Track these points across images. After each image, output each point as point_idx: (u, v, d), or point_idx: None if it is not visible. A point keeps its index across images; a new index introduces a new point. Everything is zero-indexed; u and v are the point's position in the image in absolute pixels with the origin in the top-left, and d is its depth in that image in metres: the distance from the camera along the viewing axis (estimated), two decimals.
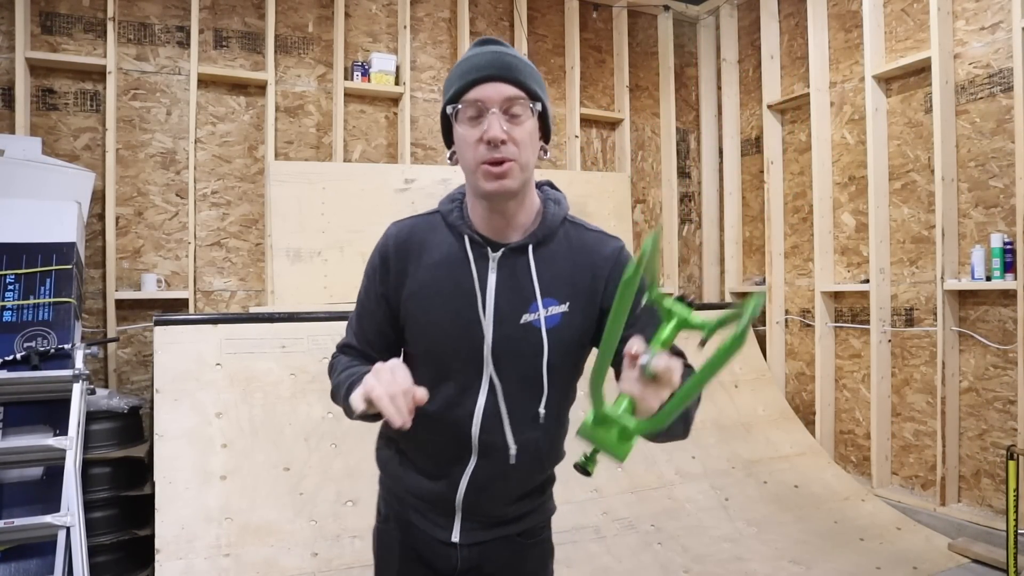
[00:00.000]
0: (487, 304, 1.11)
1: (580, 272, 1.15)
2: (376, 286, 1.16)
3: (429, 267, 1.13)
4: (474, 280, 1.11)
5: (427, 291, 1.13)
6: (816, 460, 3.80)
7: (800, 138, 4.34)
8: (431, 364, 1.12)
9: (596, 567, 2.78)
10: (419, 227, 1.16)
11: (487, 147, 1.02)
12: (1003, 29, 3.20)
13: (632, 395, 0.90)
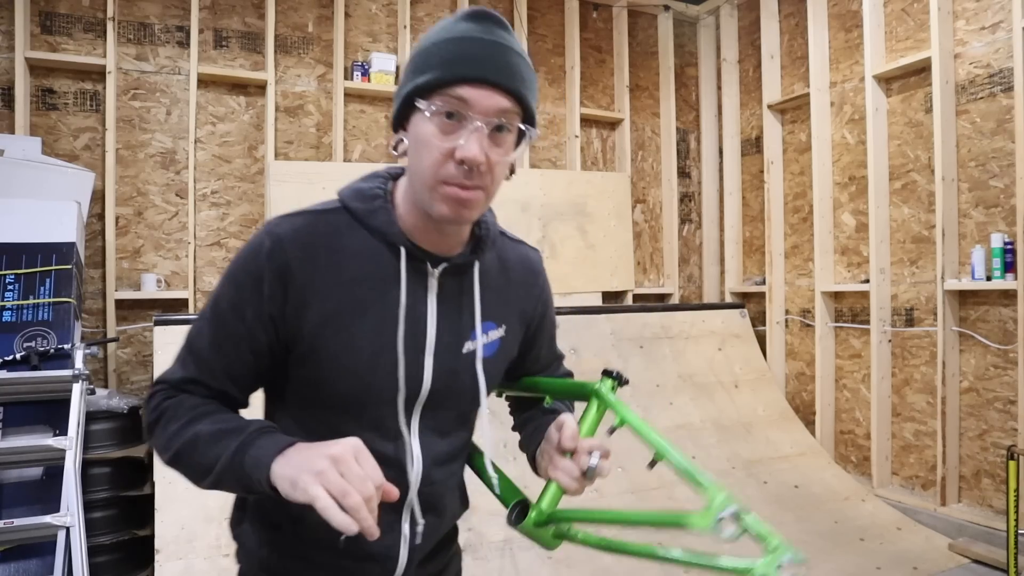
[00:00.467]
0: (428, 333, 0.91)
1: (515, 288, 1.02)
2: (259, 304, 0.86)
3: (347, 284, 0.88)
4: (412, 303, 0.90)
5: (347, 316, 0.87)
6: (816, 460, 3.80)
7: (800, 138, 4.34)
8: (338, 412, 0.89)
9: (596, 567, 2.78)
10: (319, 228, 0.89)
11: (457, 166, 0.82)
12: (1003, 29, 3.20)
13: (564, 487, 0.93)
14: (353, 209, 0.91)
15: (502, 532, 2.81)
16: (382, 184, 0.93)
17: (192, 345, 0.90)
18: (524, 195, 4.20)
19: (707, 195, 5.07)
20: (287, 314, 0.87)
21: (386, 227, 0.90)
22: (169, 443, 0.84)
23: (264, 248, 0.87)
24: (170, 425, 0.85)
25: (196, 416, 0.85)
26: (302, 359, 0.88)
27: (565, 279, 4.23)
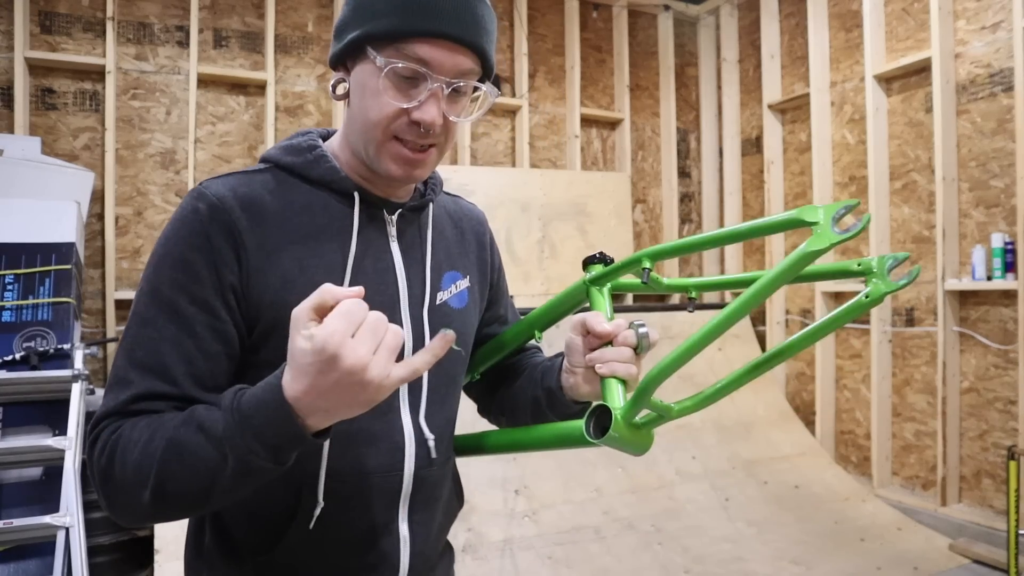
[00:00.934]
0: (399, 285, 0.83)
1: (468, 240, 0.97)
2: (213, 277, 0.73)
3: (302, 241, 0.78)
4: (376, 254, 0.82)
5: (310, 276, 0.76)
6: (816, 460, 3.80)
7: (800, 138, 4.34)
8: None
9: (596, 567, 2.77)
10: (255, 187, 0.79)
11: (410, 125, 0.76)
12: (1004, 29, 3.20)
13: (624, 375, 0.78)
14: (288, 164, 0.82)
15: (502, 532, 2.81)
16: (311, 139, 0.85)
17: (133, 357, 0.72)
18: (524, 195, 4.20)
19: (707, 195, 5.07)
20: (244, 284, 0.75)
21: (331, 175, 0.82)
22: (139, 472, 0.66)
23: (201, 213, 0.75)
24: (129, 454, 0.67)
25: (160, 426, 0.68)
26: (265, 337, 0.76)
27: (565, 279, 4.23)
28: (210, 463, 0.65)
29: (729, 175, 4.86)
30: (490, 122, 4.42)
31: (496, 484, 2.98)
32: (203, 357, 0.74)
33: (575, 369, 0.86)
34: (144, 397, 0.71)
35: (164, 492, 0.66)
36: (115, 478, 0.68)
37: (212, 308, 0.74)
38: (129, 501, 0.68)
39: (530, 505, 2.96)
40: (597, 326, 0.81)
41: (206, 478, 0.65)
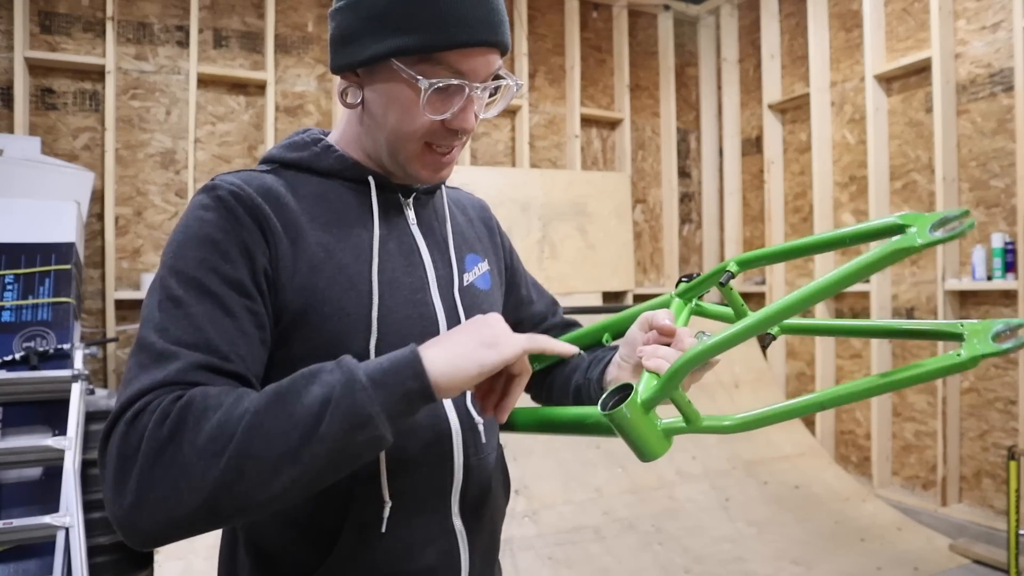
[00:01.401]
0: (427, 267, 0.82)
1: (476, 225, 0.97)
2: (241, 260, 0.69)
3: (323, 225, 0.76)
4: (399, 236, 0.81)
5: (337, 259, 0.75)
6: (817, 460, 3.80)
7: (800, 138, 4.34)
8: None
9: (596, 568, 2.77)
10: (267, 181, 0.77)
11: (446, 133, 0.75)
12: (1004, 28, 3.20)
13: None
14: (294, 160, 0.81)
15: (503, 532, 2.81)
16: (316, 134, 0.84)
17: (168, 335, 0.65)
18: (524, 195, 4.20)
19: (707, 195, 5.07)
20: (274, 268, 0.72)
21: (342, 163, 0.81)
22: (220, 434, 0.58)
23: (224, 199, 0.71)
24: (209, 416, 0.59)
25: (247, 392, 0.62)
26: (295, 326, 0.72)
27: (565, 279, 4.23)
28: (314, 410, 0.59)
29: (729, 175, 4.86)
30: (490, 122, 4.42)
31: None
32: (244, 340, 0.68)
33: (624, 363, 0.84)
34: (202, 367, 0.64)
35: (246, 456, 0.58)
36: (176, 452, 0.58)
37: (246, 289, 0.69)
38: (182, 485, 0.58)
39: (530, 505, 2.96)
40: (660, 321, 0.79)
41: (303, 433, 0.58)
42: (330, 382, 0.61)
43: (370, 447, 0.61)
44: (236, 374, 0.67)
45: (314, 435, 0.59)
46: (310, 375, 0.62)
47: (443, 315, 0.81)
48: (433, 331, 0.79)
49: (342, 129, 0.85)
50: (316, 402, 0.60)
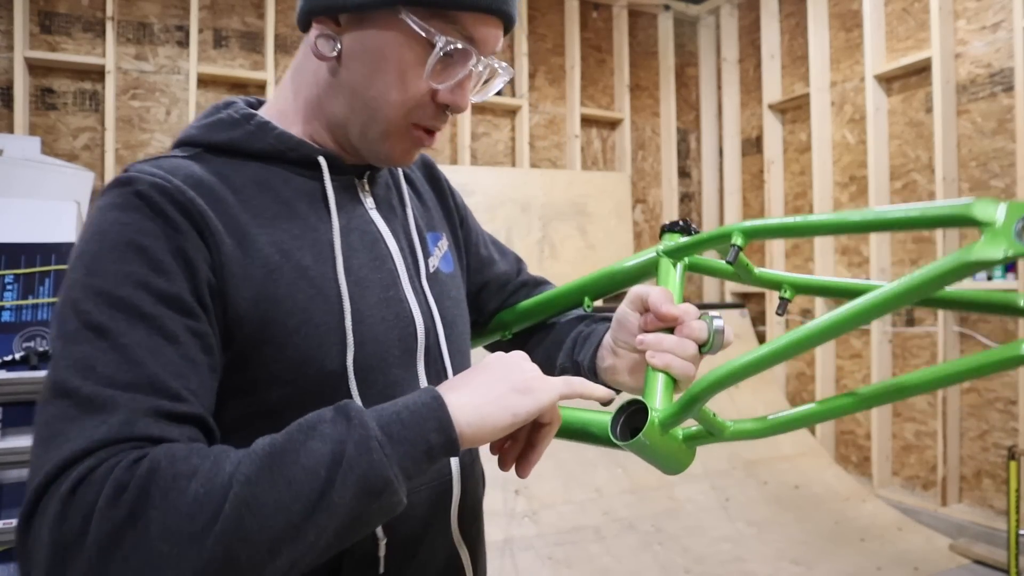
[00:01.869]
0: (394, 257, 0.71)
1: (423, 190, 0.84)
2: (176, 271, 0.55)
3: (271, 220, 0.63)
4: (360, 226, 0.70)
5: (295, 259, 0.63)
6: (817, 460, 3.80)
7: (800, 138, 4.34)
8: (326, 396, 0.58)
9: (596, 567, 2.77)
10: (194, 169, 0.62)
11: (436, 109, 0.66)
12: (1004, 28, 3.20)
13: (677, 372, 0.64)
14: (222, 142, 0.66)
15: (502, 532, 2.81)
16: (244, 108, 0.69)
17: (97, 376, 0.50)
18: (524, 195, 4.20)
19: (707, 195, 5.06)
20: (220, 277, 0.58)
21: (284, 142, 0.66)
22: (203, 505, 0.46)
23: (146, 194, 0.57)
24: (181, 483, 0.46)
25: (218, 458, 0.49)
26: (253, 346, 0.59)
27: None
28: (320, 475, 0.48)
29: (729, 175, 4.86)
30: (490, 122, 4.42)
31: (496, 484, 2.98)
32: (193, 370, 0.54)
33: (619, 349, 0.74)
34: (152, 414, 0.50)
35: (236, 538, 0.45)
36: (141, 537, 0.45)
37: (187, 306, 0.55)
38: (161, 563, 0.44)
39: (530, 505, 2.96)
40: (662, 305, 0.68)
41: (307, 505, 0.47)
42: (336, 437, 0.49)
43: (383, 515, 0.51)
44: (192, 417, 0.53)
45: (320, 506, 0.48)
46: (308, 427, 0.50)
47: (418, 312, 0.70)
48: (411, 333, 0.69)
49: (284, 97, 0.71)
50: (322, 464, 0.48)
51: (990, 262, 0.43)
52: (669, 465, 0.61)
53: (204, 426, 0.54)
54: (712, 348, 0.67)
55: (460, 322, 0.78)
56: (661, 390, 0.63)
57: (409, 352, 0.69)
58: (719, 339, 0.68)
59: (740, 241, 0.66)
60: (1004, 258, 0.42)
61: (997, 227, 0.44)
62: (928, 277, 0.45)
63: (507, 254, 0.96)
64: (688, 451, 0.62)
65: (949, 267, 0.44)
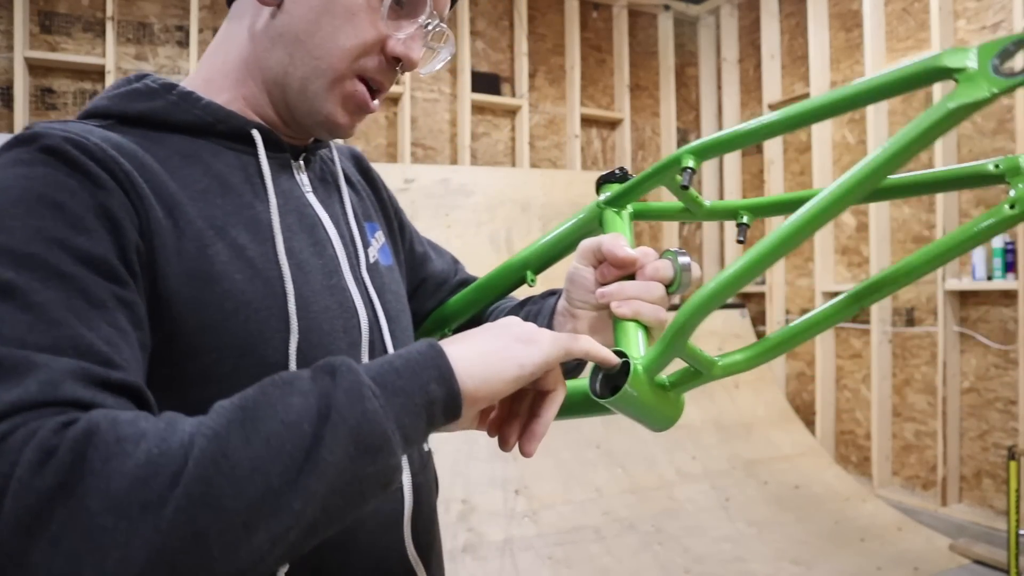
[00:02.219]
0: (335, 243, 0.66)
1: (355, 181, 0.79)
2: (100, 229, 0.48)
3: (201, 194, 0.57)
4: (298, 208, 0.64)
5: (231, 236, 0.57)
6: (817, 460, 3.80)
7: (800, 138, 4.34)
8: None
9: (596, 567, 2.77)
10: (110, 135, 0.54)
11: (385, 62, 0.61)
12: (1004, 28, 3.20)
13: (647, 318, 0.59)
14: (140, 112, 0.58)
15: (502, 532, 2.81)
16: (163, 79, 0.62)
17: (9, 338, 0.41)
18: (524, 195, 4.20)
19: (707, 195, 5.06)
20: (149, 245, 0.51)
21: (212, 113, 0.60)
22: (148, 484, 0.37)
23: (58, 147, 0.49)
24: (127, 447, 0.38)
25: (172, 421, 0.41)
26: (184, 332, 0.52)
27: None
28: (304, 430, 0.40)
29: (729, 175, 4.86)
30: (490, 122, 4.42)
31: (496, 484, 2.98)
32: (124, 340, 0.46)
33: (576, 311, 0.69)
34: (78, 377, 0.41)
35: (202, 506, 0.37)
36: (75, 509, 0.36)
37: (113, 270, 0.47)
38: (90, 563, 0.35)
39: (530, 505, 2.96)
40: (617, 250, 0.62)
41: (289, 464, 0.39)
42: (321, 391, 0.42)
43: (377, 485, 0.43)
44: (129, 387, 0.44)
45: (307, 467, 0.40)
46: (283, 383, 0.43)
47: (361, 304, 0.65)
48: (355, 325, 0.63)
49: (210, 64, 0.65)
50: (306, 419, 0.41)
51: (976, 103, 0.40)
52: (658, 419, 0.56)
53: (143, 400, 0.45)
54: (680, 287, 0.62)
55: (403, 317, 0.72)
56: (635, 339, 0.58)
57: (354, 345, 0.63)
58: (686, 277, 0.62)
59: (693, 163, 0.59)
60: (991, 96, 0.40)
61: (972, 71, 0.41)
62: (915, 134, 0.42)
63: (443, 254, 0.91)
64: (677, 400, 0.57)
65: (935, 118, 0.42)
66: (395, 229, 0.82)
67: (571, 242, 0.73)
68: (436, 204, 3.89)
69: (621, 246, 0.62)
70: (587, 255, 0.67)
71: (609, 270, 0.64)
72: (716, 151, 0.59)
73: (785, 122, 0.53)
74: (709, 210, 0.69)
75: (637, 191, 0.68)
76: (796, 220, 0.46)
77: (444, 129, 4.25)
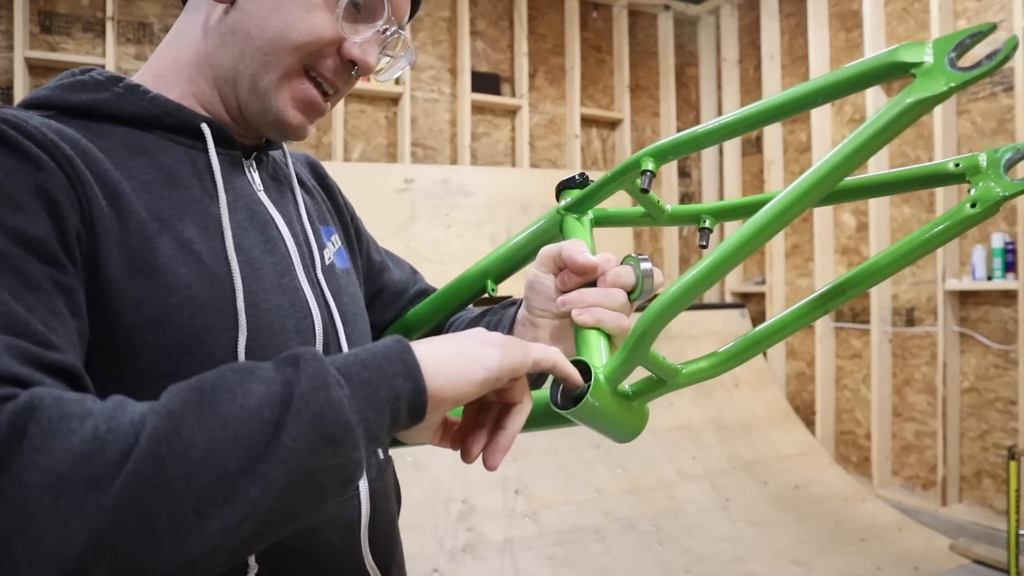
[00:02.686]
0: (287, 242, 0.65)
1: (314, 184, 0.78)
2: (37, 212, 0.46)
3: (146, 185, 0.55)
4: (248, 206, 0.63)
5: (176, 230, 0.55)
6: (817, 460, 3.80)
7: (800, 138, 4.34)
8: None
9: (596, 568, 2.77)
10: (51, 123, 0.53)
11: (340, 63, 0.61)
12: (1004, 28, 3.20)
13: (609, 325, 0.58)
14: (83, 104, 0.57)
15: (502, 532, 2.81)
16: (108, 72, 0.61)
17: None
18: (524, 195, 4.20)
19: (707, 195, 5.06)
20: (90, 232, 0.49)
21: (160, 106, 0.58)
22: (93, 460, 0.35)
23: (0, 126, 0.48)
24: (65, 435, 0.36)
25: (121, 402, 0.40)
26: (126, 327, 0.50)
27: None
28: (265, 415, 0.39)
29: (729, 175, 4.86)
30: (490, 122, 4.42)
31: (496, 484, 2.98)
32: (60, 323, 0.44)
33: (537, 319, 0.67)
34: (14, 356, 0.40)
35: (151, 485, 0.35)
36: (11, 485, 0.34)
37: (51, 253, 0.46)
38: (22, 542, 0.33)
39: (530, 505, 2.96)
40: (578, 256, 0.61)
41: (248, 448, 0.38)
42: (284, 379, 0.41)
43: (338, 479, 0.41)
44: (67, 369, 0.43)
45: (267, 453, 0.38)
46: (243, 370, 0.41)
47: (314, 304, 0.63)
48: (308, 325, 0.62)
49: (160, 61, 0.64)
50: (267, 404, 0.39)
51: (933, 98, 0.40)
52: (622, 430, 0.55)
53: (82, 385, 0.43)
54: (642, 294, 0.61)
55: (360, 321, 0.70)
56: (597, 348, 0.57)
57: (307, 345, 0.61)
58: (648, 283, 0.61)
59: (652, 166, 0.59)
60: (947, 91, 0.39)
61: (929, 65, 0.41)
62: (873, 130, 0.41)
63: (401, 263, 0.90)
64: (641, 411, 0.56)
65: (893, 114, 0.41)
66: (351, 235, 0.81)
67: (531, 250, 0.72)
68: (436, 204, 3.88)
69: (581, 252, 0.61)
70: (547, 262, 0.65)
71: (570, 277, 0.63)
72: (675, 153, 0.57)
73: (743, 122, 0.53)
74: (671, 215, 0.68)
75: (597, 196, 0.67)
76: (754, 224, 0.45)
77: (444, 129, 4.25)
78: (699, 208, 0.68)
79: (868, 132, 0.42)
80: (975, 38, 0.40)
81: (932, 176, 0.57)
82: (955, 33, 0.40)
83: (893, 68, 0.43)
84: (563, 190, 0.71)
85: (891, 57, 0.43)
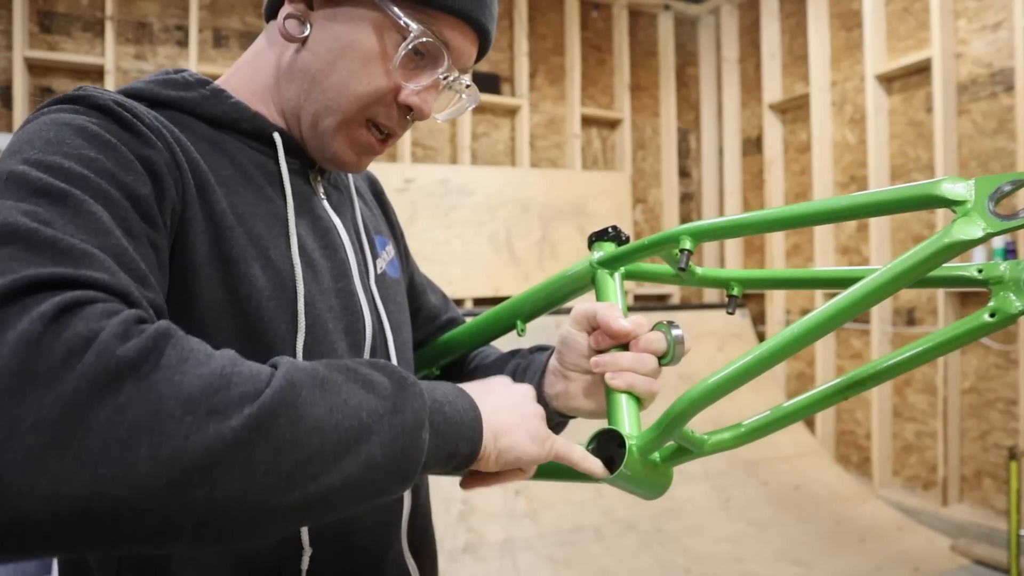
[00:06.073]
0: (347, 248, 0.68)
1: (369, 199, 0.82)
2: (144, 179, 0.51)
3: (224, 180, 0.60)
4: (313, 211, 0.66)
5: (248, 224, 0.59)
6: (817, 461, 3.79)
7: (801, 138, 4.34)
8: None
9: (596, 568, 2.77)
10: (139, 109, 0.56)
11: (397, 110, 0.63)
12: (1005, 28, 3.19)
13: (641, 390, 0.62)
14: (172, 99, 0.61)
15: (502, 532, 2.80)
16: (198, 75, 0.65)
17: (52, 225, 0.42)
18: (524, 195, 4.20)
19: (707, 195, 5.06)
20: (182, 211, 0.54)
21: (239, 112, 0.63)
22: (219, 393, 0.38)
23: (107, 105, 0.52)
24: (195, 365, 0.39)
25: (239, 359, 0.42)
26: (196, 309, 0.55)
27: None
28: (363, 421, 0.43)
29: (729, 175, 4.86)
30: (490, 122, 4.42)
31: None
32: (153, 273, 0.48)
33: (569, 372, 0.70)
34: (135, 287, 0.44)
35: (264, 436, 0.38)
36: (145, 389, 0.36)
37: (151, 214, 0.50)
38: (146, 443, 0.35)
39: (530, 505, 2.96)
40: (613, 322, 0.63)
41: (342, 439, 0.42)
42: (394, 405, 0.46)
43: (389, 495, 0.47)
44: (161, 312, 0.47)
45: (355, 450, 0.42)
46: (362, 378, 0.46)
47: (366, 309, 0.67)
48: (358, 328, 0.65)
49: (238, 78, 0.67)
50: (373, 415, 0.44)
51: (970, 242, 0.41)
52: (650, 491, 0.60)
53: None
54: (673, 359, 0.64)
55: (405, 329, 0.74)
56: (629, 413, 0.61)
57: (357, 348, 0.65)
58: (679, 349, 0.64)
59: (690, 245, 0.61)
60: (984, 236, 0.40)
61: (969, 205, 0.42)
62: (910, 265, 0.43)
63: (437, 290, 0.93)
64: (667, 473, 0.61)
65: (929, 252, 0.43)
66: (401, 250, 0.84)
67: (562, 295, 0.75)
68: (436, 204, 3.88)
69: (616, 318, 0.64)
70: (581, 321, 0.68)
71: (603, 338, 0.66)
72: (713, 236, 0.60)
73: (785, 220, 0.55)
74: (700, 278, 0.71)
75: (631, 258, 0.69)
76: (791, 332, 0.48)
77: (444, 129, 4.25)
78: (728, 274, 0.70)
79: (907, 264, 0.43)
80: (1015, 185, 0.41)
81: (956, 280, 0.59)
82: (996, 177, 0.42)
83: (934, 200, 0.45)
84: (595, 241, 0.73)
85: (933, 190, 0.45)
